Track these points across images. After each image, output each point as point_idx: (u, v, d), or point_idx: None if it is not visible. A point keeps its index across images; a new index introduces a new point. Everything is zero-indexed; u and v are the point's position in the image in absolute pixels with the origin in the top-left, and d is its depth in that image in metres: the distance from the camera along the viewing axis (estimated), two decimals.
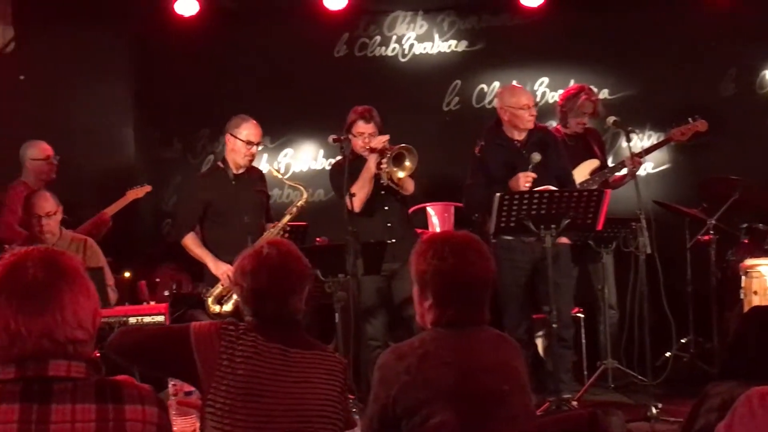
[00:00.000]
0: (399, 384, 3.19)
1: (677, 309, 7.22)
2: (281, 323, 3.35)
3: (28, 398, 2.32)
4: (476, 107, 9.11)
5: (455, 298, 3.29)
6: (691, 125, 7.71)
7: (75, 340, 2.38)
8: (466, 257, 3.29)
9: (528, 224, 6.17)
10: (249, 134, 6.71)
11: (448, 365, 3.20)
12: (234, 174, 6.79)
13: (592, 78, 8.77)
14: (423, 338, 3.31)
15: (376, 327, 6.80)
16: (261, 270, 3.38)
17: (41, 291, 2.36)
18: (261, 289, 3.37)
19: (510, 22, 9.03)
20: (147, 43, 9.06)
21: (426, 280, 3.32)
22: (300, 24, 8.92)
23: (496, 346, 3.37)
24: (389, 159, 6.56)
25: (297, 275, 3.44)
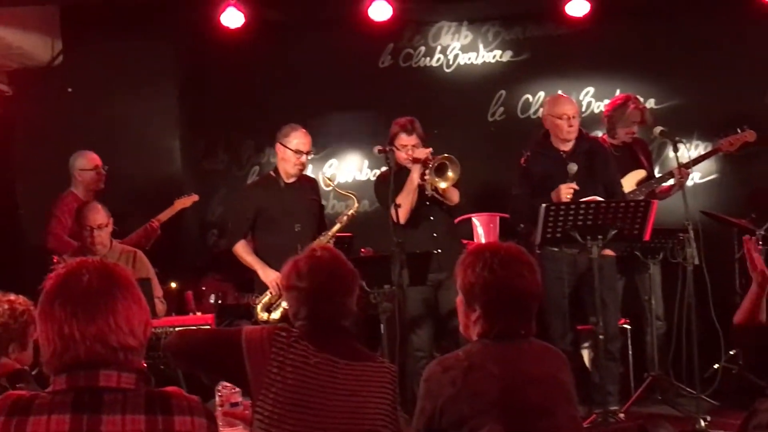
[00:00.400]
0: (445, 396, 3.18)
1: (726, 320, 7.13)
2: (334, 328, 3.34)
3: (79, 409, 2.35)
4: (521, 117, 9.09)
5: (505, 310, 3.27)
6: (740, 135, 7.62)
7: (126, 347, 2.42)
8: (515, 270, 3.27)
9: (574, 235, 6.14)
10: (298, 143, 6.75)
11: (495, 377, 3.18)
12: (285, 183, 6.83)
13: (639, 87, 8.71)
14: (469, 350, 3.29)
15: (422, 338, 6.79)
16: (319, 270, 3.40)
17: (95, 297, 2.41)
18: (319, 288, 3.37)
19: (555, 32, 8.99)
20: (193, 54, 9.13)
21: (475, 292, 3.30)
22: (345, 35, 8.93)
23: (542, 357, 3.35)
24: (431, 170, 6.56)
25: (351, 275, 3.49)
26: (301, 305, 3.41)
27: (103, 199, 7.20)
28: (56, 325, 2.38)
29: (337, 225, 6.81)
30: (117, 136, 8.62)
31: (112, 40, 8.67)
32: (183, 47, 9.06)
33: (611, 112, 7.64)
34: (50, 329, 2.40)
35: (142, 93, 8.78)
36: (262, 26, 8.60)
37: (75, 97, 8.74)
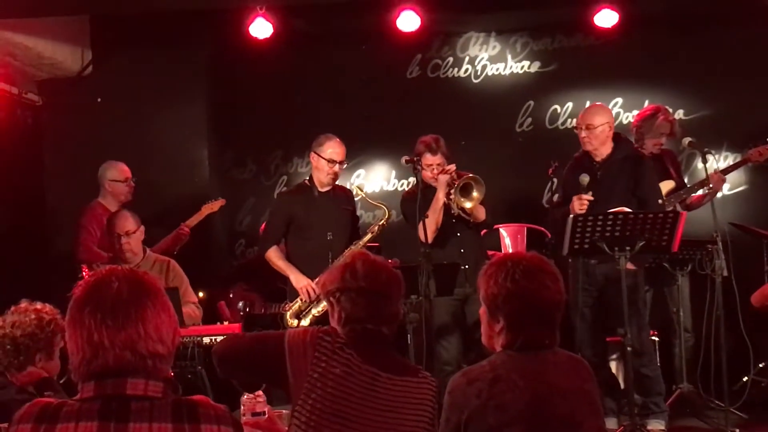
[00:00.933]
0: (470, 408, 3.17)
1: (755, 333, 7.10)
2: (380, 338, 3.31)
3: (106, 416, 2.37)
4: (549, 128, 9.07)
5: (528, 321, 3.26)
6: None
7: (155, 354, 2.43)
8: (538, 280, 3.26)
9: (602, 246, 6.11)
10: (332, 153, 6.78)
11: (520, 389, 3.16)
12: (319, 192, 6.85)
13: (667, 98, 8.68)
14: (494, 362, 3.28)
15: (450, 352, 6.79)
16: (377, 271, 3.38)
17: (125, 305, 2.43)
18: (379, 288, 3.35)
19: (584, 43, 8.98)
20: (221, 65, 9.18)
21: (498, 303, 3.28)
22: (373, 45, 8.97)
23: (568, 369, 3.33)
24: (456, 190, 6.57)
25: (401, 279, 3.48)
26: (355, 306, 3.34)
27: (131, 209, 7.23)
28: (85, 333, 2.40)
29: (369, 235, 6.84)
30: (146, 146, 8.67)
31: (142, 51, 8.73)
32: (212, 57, 9.11)
33: (640, 123, 7.60)
34: (79, 336, 2.41)
35: (171, 103, 8.84)
36: (291, 37, 8.63)
37: (104, 107, 8.80)
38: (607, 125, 6.73)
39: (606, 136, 6.75)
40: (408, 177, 8.82)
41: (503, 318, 3.28)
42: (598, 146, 6.75)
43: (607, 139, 6.78)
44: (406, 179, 8.94)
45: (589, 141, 6.75)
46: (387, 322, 3.36)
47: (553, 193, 7.04)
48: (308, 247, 6.79)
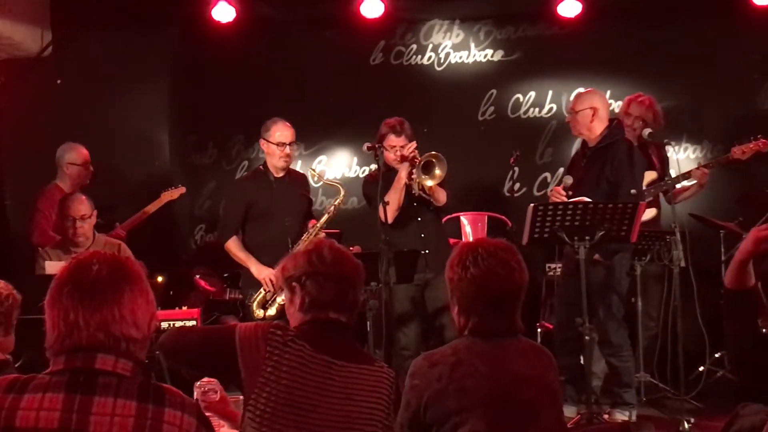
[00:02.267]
0: (430, 391, 3.19)
1: (711, 323, 7.16)
2: (336, 326, 3.30)
3: (73, 389, 2.40)
4: (512, 117, 9.08)
5: (478, 307, 3.29)
6: (752, 145, 7.56)
7: (129, 338, 2.46)
8: (490, 267, 3.28)
9: (561, 235, 6.13)
10: (280, 135, 6.73)
11: (481, 375, 3.18)
12: (275, 177, 6.81)
13: (629, 89, 8.70)
14: (456, 346, 3.30)
15: (409, 336, 6.78)
16: (343, 257, 3.35)
17: (103, 287, 2.47)
18: (344, 273, 3.31)
19: (547, 32, 9.00)
20: (183, 48, 9.11)
21: (452, 287, 3.33)
22: (336, 31, 8.95)
23: (530, 357, 3.35)
24: (418, 167, 6.55)
25: (362, 267, 3.45)
26: (322, 291, 3.30)
27: (91, 192, 7.17)
28: (62, 312, 2.44)
29: (326, 216, 6.80)
30: (106, 129, 8.60)
31: (103, 33, 8.66)
32: (174, 41, 9.05)
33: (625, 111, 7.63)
34: (57, 315, 2.46)
35: (132, 86, 8.78)
36: (254, 21, 8.60)
37: (64, 89, 8.74)
38: (590, 110, 6.69)
39: (590, 120, 6.71)
40: (370, 163, 8.80)
41: (464, 303, 3.32)
42: (583, 131, 6.75)
43: (592, 124, 6.73)
44: (368, 166, 8.91)
45: (574, 125, 6.79)
46: (349, 309, 3.34)
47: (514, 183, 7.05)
48: (267, 234, 6.74)
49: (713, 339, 7.20)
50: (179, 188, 8.18)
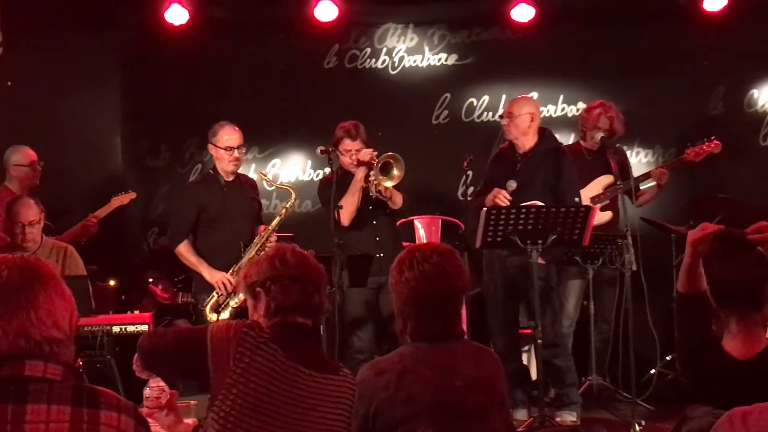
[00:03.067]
0: (378, 400, 3.18)
1: (663, 326, 7.22)
2: (304, 331, 3.27)
3: (4, 399, 2.33)
4: (465, 121, 9.10)
5: (412, 310, 3.30)
6: (705, 146, 7.65)
7: (51, 339, 2.39)
8: (423, 270, 3.29)
9: (514, 239, 6.17)
10: (228, 139, 6.71)
11: (428, 381, 3.19)
12: (225, 181, 6.79)
13: (582, 93, 8.80)
14: (402, 353, 3.30)
15: (363, 340, 6.78)
16: (306, 260, 3.33)
17: (15, 292, 2.39)
18: (309, 277, 3.29)
19: (501, 36, 9.03)
20: (136, 50, 9.04)
21: (400, 293, 3.35)
22: (290, 34, 8.92)
23: (476, 360, 3.36)
24: (376, 168, 6.56)
25: (324, 270, 3.44)
26: (288, 295, 3.27)
27: (41, 195, 7.11)
28: None
29: (277, 218, 6.78)
30: (57, 131, 8.52)
31: (54, 35, 8.56)
32: (127, 43, 8.98)
33: (584, 116, 7.71)
34: None
35: (84, 88, 8.69)
36: (207, 24, 8.56)
37: (14, 90, 8.63)
38: (528, 116, 6.76)
39: (527, 126, 6.78)
40: (324, 167, 8.77)
41: (406, 307, 3.34)
42: (519, 136, 6.80)
43: (529, 129, 6.80)
44: (322, 169, 8.89)
45: (510, 130, 6.82)
46: (314, 312, 3.32)
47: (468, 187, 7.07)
48: (218, 238, 6.71)
49: (664, 342, 7.26)
50: (129, 193, 8.10)
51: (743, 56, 8.77)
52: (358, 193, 6.67)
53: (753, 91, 8.88)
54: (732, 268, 3.25)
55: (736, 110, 8.87)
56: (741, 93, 8.89)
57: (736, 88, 8.88)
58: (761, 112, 8.89)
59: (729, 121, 8.82)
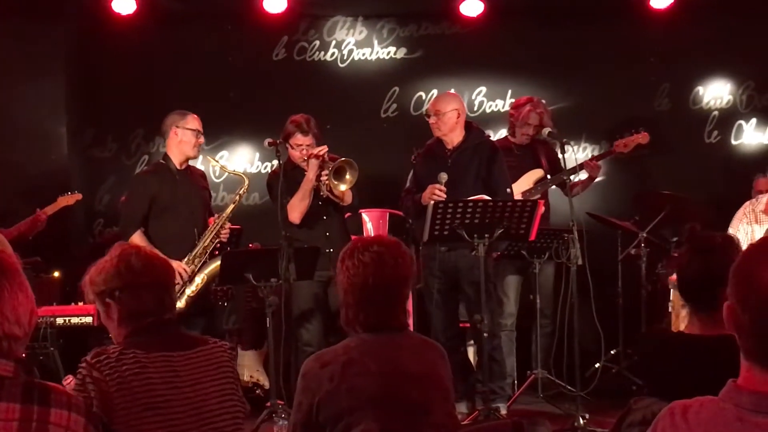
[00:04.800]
0: (322, 392, 3.17)
1: (607, 320, 7.28)
2: (160, 323, 3.20)
3: None
4: (414, 115, 9.11)
5: (352, 299, 3.30)
6: (633, 137, 7.78)
7: (11, 336, 2.37)
8: (363, 260, 3.29)
9: (461, 233, 6.19)
10: (195, 124, 6.70)
11: (372, 373, 3.18)
12: (177, 169, 6.75)
13: (530, 89, 8.83)
14: (347, 345, 3.30)
15: (311, 332, 6.77)
16: (153, 263, 3.24)
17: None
18: (159, 280, 3.22)
19: (449, 31, 9.06)
20: (82, 40, 8.96)
21: (345, 284, 3.34)
22: (239, 26, 8.89)
23: (420, 352, 3.36)
24: (330, 173, 6.55)
25: (171, 266, 3.40)
26: (140, 301, 3.18)
27: None
28: None
29: (231, 205, 6.77)
30: (0, 121, 8.41)
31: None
32: (73, 32, 8.90)
33: (512, 112, 7.75)
34: None
35: (28, 78, 8.60)
36: (155, 14, 8.50)
37: None
38: (455, 112, 6.78)
39: (455, 122, 6.80)
40: (272, 159, 8.76)
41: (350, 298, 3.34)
42: (447, 132, 6.81)
43: (456, 125, 6.82)
44: (270, 162, 8.88)
45: (438, 127, 6.82)
46: (169, 310, 3.27)
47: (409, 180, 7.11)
48: (173, 227, 6.67)
49: (608, 336, 7.33)
50: (75, 194, 8.04)
51: (689, 53, 8.88)
52: (309, 192, 6.67)
53: (698, 88, 9.00)
54: (694, 267, 3.33)
55: (681, 107, 8.99)
56: (686, 90, 9.00)
57: (682, 85, 8.99)
58: (706, 109, 9.01)
59: (674, 118, 8.94)
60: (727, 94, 9.00)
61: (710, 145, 9.00)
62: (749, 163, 8.67)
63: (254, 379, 7.47)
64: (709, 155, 8.93)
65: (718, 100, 9.01)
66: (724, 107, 9.02)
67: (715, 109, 9.01)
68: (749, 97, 8.98)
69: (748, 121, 9.00)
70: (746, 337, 2.05)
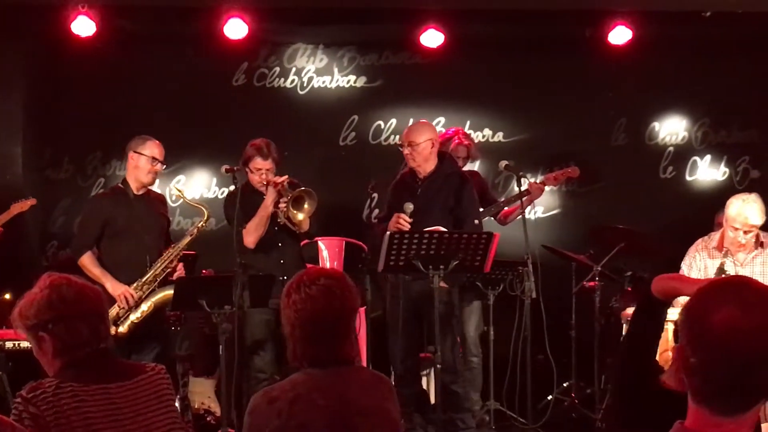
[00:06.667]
0: (270, 428, 3.15)
1: (560, 353, 7.31)
2: (95, 354, 3.15)
3: None
4: (373, 143, 9.13)
5: (298, 333, 3.27)
6: (563, 171, 7.88)
7: None
8: (309, 294, 3.25)
9: (417, 264, 6.19)
10: (153, 151, 6.67)
11: (320, 408, 3.16)
12: (134, 194, 6.72)
13: (488, 120, 8.91)
14: (294, 380, 3.27)
15: (264, 360, 6.74)
16: (84, 294, 3.17)
17: None
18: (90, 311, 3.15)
19: (409, 61, 9.09)
20: (41, 60, 8.89)
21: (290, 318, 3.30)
22: (199, 50, 8.84)
23: (369, 387, 3.34)
24: (289, 202, 6.54)
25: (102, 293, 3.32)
26: (75, 333, 3.11)
27: None
28: None
29: (188, 237, 6.75)
30: None
31: None
32: (31, 52, 8.82)
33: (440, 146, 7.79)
34: None
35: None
36: (115, 36, 8.45)
37: None
38: (429, 142, 6.80)
39: (429, 152, 6.82)
40: (229, 185, 8.71)
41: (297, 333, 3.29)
42: (422, 163, 6.81)
43: (431, 155, 6.84)
44: (227, 187, 8.84)
45: (413, 158, 6.82)
46: (104, 339, 3.20)
47: (372, 210, 7.12)
48: (124, 252, 6.65)
49: (561, 369, 7.36)
50: (30, 200, 7.94)
51: (646, 89, 8.98)
52: (266, 218, 6.65)
53: (654, 123, 9.09)
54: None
55: (637, 142, 9.07)
56: (643, 125, 9.09)
57: (638, 121, 9.09)
58: (661, 145, 9.10)
59: (630, 153, 9.02)
60: (682, 131, 9.10)
61: (665, 180, 9.09)
62: (703, 198, 8.76)
63: (205, 405, 7.41)
64: (664, 190, 9.01)
65: (674, 136, 9.11)
66: (680, 143, 9.12)
67: (670, 145, 9.11)
68: (704, 134, 9.09)
69: (702, 158, 9.10)
70: (694, 378, 2.06)
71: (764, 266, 6.46)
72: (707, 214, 7.76)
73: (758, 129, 9.06)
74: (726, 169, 9.10)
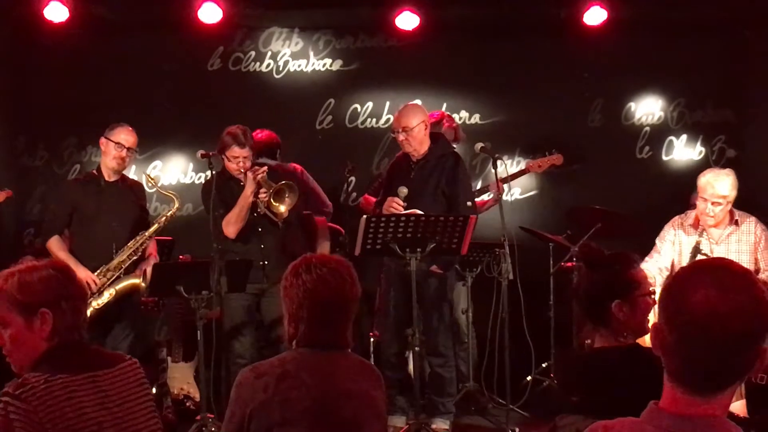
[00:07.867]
0: (256, 402, 3.18)
1: (538, 334, 7.34)
2: (78, 343, 3.16)
3: None
4: (349, 127, 9.13)
5: (305, 314, 3.29)
6: (548, 159, 7.88)
7: None
8: (321, 275, 3.28)
9: (394, 247, 6.19)
10: (123, 138, 6.66)
11: (307, 387, 3.19)
12: (106, 181, 6.70)
13: (464, 102, 8.90)
14: (284, 358, 3.30)
15: (244, 345, 6.72)
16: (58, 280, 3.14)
17: None
18: (82, 293, 3.21)
19: (385, 44, 9.08)
20: (14, 47, 8.83)
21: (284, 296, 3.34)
22: (173, 35, 8.81)
23: (357, 373, 3.37)
24: (270, 195, 6.52)
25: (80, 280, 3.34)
26: (77, 313, 3.15)
27: None
28: None
29: (155, 225, 6.73)
30: None
31: None
32: (5, 38, 8.76)
33: None
34: None
35: None
36: (88, 22, 8.41)
37: None
38: (422, 124, 6.77)
39: (423, 134, 6.79)
40: (206, 170, 8.69)
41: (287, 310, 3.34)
42: (417, 146, 6.79)
43: (425, 137, 6.81)
44: (204, 172, 8.82)
45: (409, 143, 6.77)
46: (85, 327, 3.23)
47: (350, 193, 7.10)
48: (92, 237, 6.66)
49: (539, 350, 7.39)
50: (5, 191, 7.90)
51: (621, 70, 8.99)
52: (246, 209, 6.62)
53: (630, 104, 9.10)
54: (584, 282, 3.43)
55: (613, 123, 9.09)
56: (619, 106, 9.11)
57: (615, 101, 9.10)
58: (638, 125, 9.12)
59: (607, 133, 9.04)
60: (658, 111, 9.12)
61: (641, 161, 9.11)
62: (679, 178, 8.78)
63: (185, 391, 7.40)
64: (640, 170, 9.03)
65: (650, 117, 9.13)
66: (656, 123, 9.14)
67: (646, 125, 9.13)
68: (680, 113, 9.11)
69: (678, 137, 9.12)
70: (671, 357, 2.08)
71: (739, 244, 6.48)
72: (684, 194, 7.78)
73: (732, 109, 9.08)
74: (702, 148, 9.13)
